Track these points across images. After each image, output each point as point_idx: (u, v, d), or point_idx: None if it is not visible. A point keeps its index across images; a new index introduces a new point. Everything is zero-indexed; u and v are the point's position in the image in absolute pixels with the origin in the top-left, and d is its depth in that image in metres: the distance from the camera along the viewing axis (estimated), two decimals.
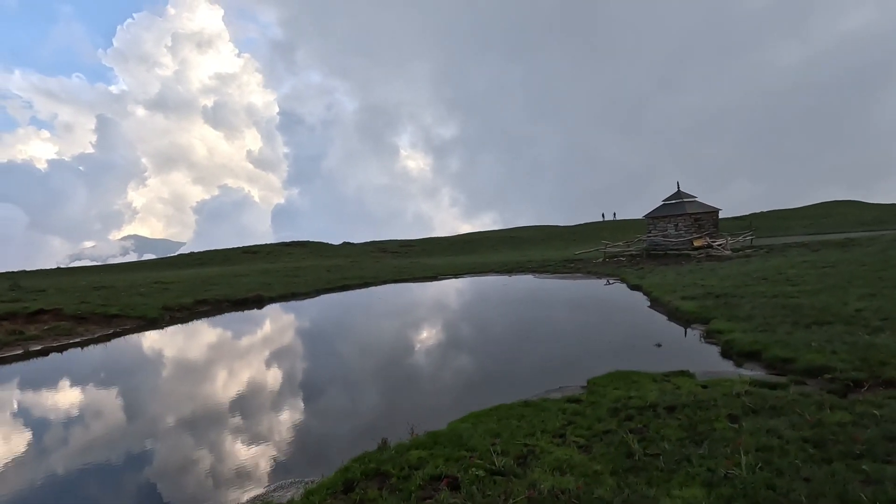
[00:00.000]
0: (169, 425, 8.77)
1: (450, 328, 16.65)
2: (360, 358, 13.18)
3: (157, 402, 10.26)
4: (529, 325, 16.03)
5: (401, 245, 78.25)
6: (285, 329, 19.62)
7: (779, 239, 43.01)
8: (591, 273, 31.68)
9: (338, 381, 11.01)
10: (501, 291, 26.99)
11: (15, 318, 21.68)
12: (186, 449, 7.68)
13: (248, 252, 67.86)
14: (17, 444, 8.21)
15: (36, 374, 13.69)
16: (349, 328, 18.52)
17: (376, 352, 13.84)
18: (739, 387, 7.39)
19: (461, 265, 45.62)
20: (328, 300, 29.57)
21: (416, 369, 11.51)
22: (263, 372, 12.21)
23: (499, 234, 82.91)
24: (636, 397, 7.38)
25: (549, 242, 70.88)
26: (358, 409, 9.06)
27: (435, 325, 17.36)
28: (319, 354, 14.05)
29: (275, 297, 31.18)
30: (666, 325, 14.03)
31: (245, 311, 27.51)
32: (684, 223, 35.22)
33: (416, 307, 23.82)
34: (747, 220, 63.11)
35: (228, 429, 8.44)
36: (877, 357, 8.23)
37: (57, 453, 7.83)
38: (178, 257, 65.11)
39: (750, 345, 10.10)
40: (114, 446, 7.95)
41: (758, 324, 11.85)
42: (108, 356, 15.80)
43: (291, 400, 9.86)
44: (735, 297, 15.84)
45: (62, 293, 29.11)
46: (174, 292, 30.65)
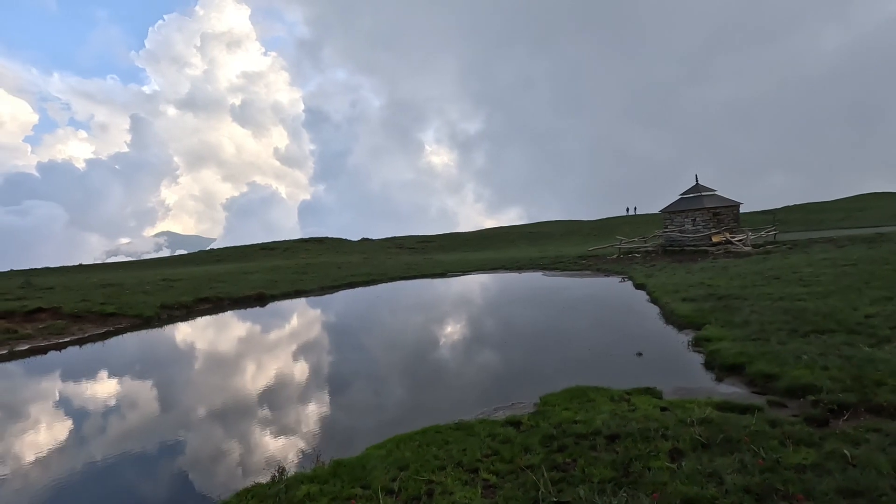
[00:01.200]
0: (88, 434, 8.27)
1: (423, 331, 15.88)
2: (313, 366, 12.45)
3: (100, 408, 9.80)
4: (511, 328, 15.16)
5: (418, 241, 77.73)
6: (254, 332, 19.13)
7: (807, 233, 40.74)
8: (600, 270, 30.44)
9: (278, 392, 10.33)
10: (499, 290, 26.06)
11: (13, 316, 21.85)
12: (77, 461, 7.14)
13: (266, 248, 68.35)
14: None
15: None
16: (315, 331, 17.86)
17: (332, 360, 13.06)
18: (699, 411, 6.42)
19: (473, 261, 44.76)
20: (321, 300, 29.12)
21: (368, 380, 10.68)
22: (196, 383, 11.63)
23: (518, 230, 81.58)
24: (582, 422, 6.49)
25: (568, 238, 69.29)
26: (285, 426, 8.36)
27: (409, 328, 16.61)
28: (266, 365, 13.33)
29: (277, 294, 30.92)
30: (656, 331, 12.95)
31: (245, 309, 27.26)
32: (702, 218, 33.53)
33: (403, 307, 23.12)
34: (772, 215, 60.26)
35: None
36: (872, 375, 7.12)
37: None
38: (198, 254, 66.05)
39: (735, 357, 9.04)
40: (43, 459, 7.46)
41: (752, 331, 10.73)
42: (83, 357, 15.54)
43: (219, 415, 9.22)
44: (738, 298, 14.62)
45: (68, 290, 29.45)
46: (178, 290, 30.64)
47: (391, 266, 44.76)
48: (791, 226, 56.70)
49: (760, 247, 31.33)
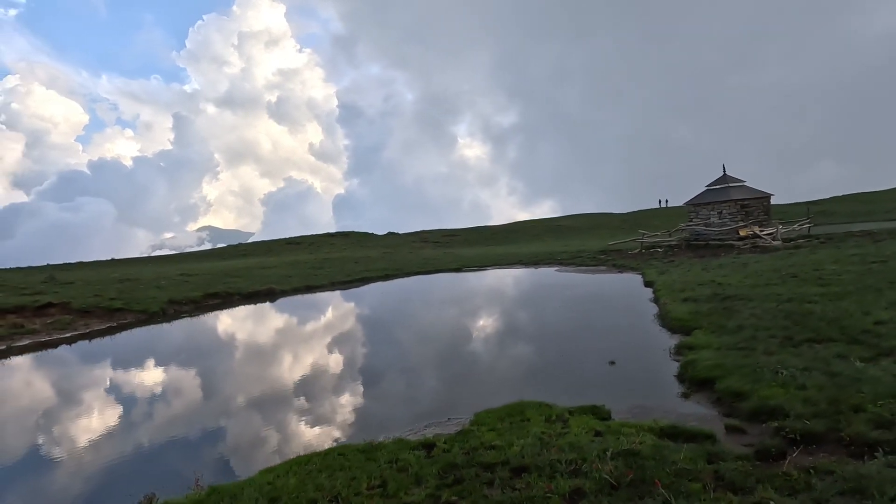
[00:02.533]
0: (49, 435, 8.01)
1: (391, 333, 15.18)
2: (262, 368, 11.92)
3: (71, 408, 9.61)
4: (489, 332, 14.32)
5: (443, 235, 77.19)
6: (227, 332, 18.91)
7: (848, 226, 37.98)
8: (616, 266, 29.07)
9: (209, 398, 9.89)
10: (499, 288, 25.16)
11: (24, 311, 22.41)
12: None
13: (292, 243, 69.18)
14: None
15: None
16: (287, 332, 17.40)
17: (287, 363, 12.48)
18: (632, 440, 5.54)
19: (492, 256, 43.88)
20: (323, 297, 28.90)
21: (313, 388, 10.06)
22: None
23: (545, 224, 79.93)
24: (499, 447, 5.73)
25: (595, 231, 67.33)
26: (210, 435, 7.88)
27: (380, 330, 15.88)
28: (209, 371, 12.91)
29: (288, 290, 30.89)
30: (644, 335, 11.91)
31: (255, 304, 27.32)
32: (728, 210, 31.58)
33: (389, 306, 22.59)
34: (806, 206, 56.66)
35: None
36: (852, 399, 6.06)
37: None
38: (226, 249, 67.44)
39: (709, 369, 8.03)
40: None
41: (742, 338, 9.63)
42: (61, 356, 15.63)
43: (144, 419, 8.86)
44: (743, 299, 13.38)
45: (87, 285, 30.20)
46: (192, 285, 30.97)
47: (409, 261, 44.36)
48: (836, 217, 53.24)
49: (791, 241, 29.27)
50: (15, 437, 8.36)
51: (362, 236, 76.84)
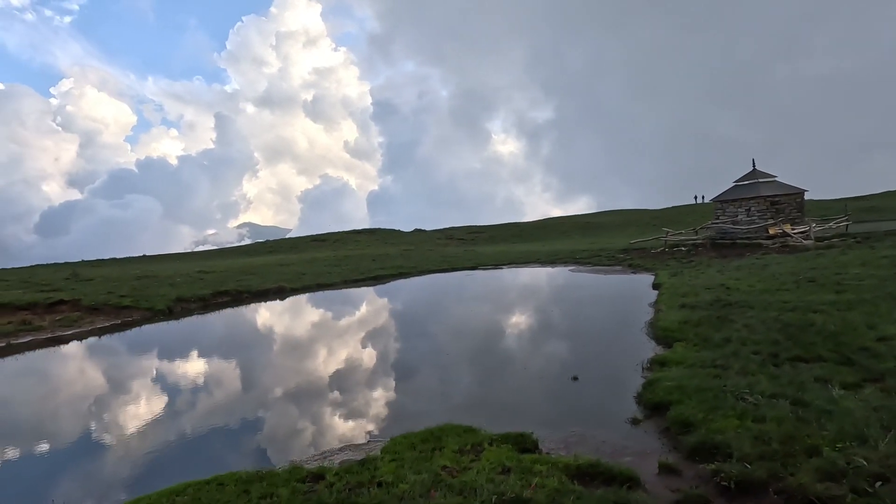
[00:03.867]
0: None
1: (362, 341, 14.42)
2: (229, 377, 11.48)
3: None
4: (462, 339, 13.44)
5: (469, 232, 76.44)
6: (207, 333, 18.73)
7: (892, 223, 35.15)
8: (632, 266, 27.73)
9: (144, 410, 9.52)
10: (500, 289, 24.27)
11: (35, 308, 22.99)
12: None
13: (317, 240, 69.83)
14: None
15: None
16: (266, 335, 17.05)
17: (255, 371, 11.97)
18: (526, 483, 4.77)
19: (512, 254, 42.93)
20: (327, 295, 28.70)
21: (248, 398, 9.46)
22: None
23: (574, 220, 78.06)
24: (389, 484, 5.06)
25: (624, 228, 65.17)
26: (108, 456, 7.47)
27: (353, 337, 15.10)
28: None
29: (298, 288, 30.82)
30: (625, 347, 10.93)
31: (261, 302, 27.33)
32: (758, 207, 29.64)
33: (375, 308, 22.01)
34: (843, 203, 52.95)
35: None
36: (812, 438, 5.11)
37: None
38: (252, 245, 68.68)
39: (667, 392, 7.10)
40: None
41: (723, 354, 8.62)
42: (53, 355, 15.75)
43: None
44: (744, 307, 12.22)
45: (106, 282, 30.96)
46: (205, 282, 31.29)
47: (426, 259, 43.88)
48: (885, 214, 49.64)
49: (825, 240, 27.19)
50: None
51: (388, 233, 76.90)
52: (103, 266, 50.69)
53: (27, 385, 11.79)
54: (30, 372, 13.32)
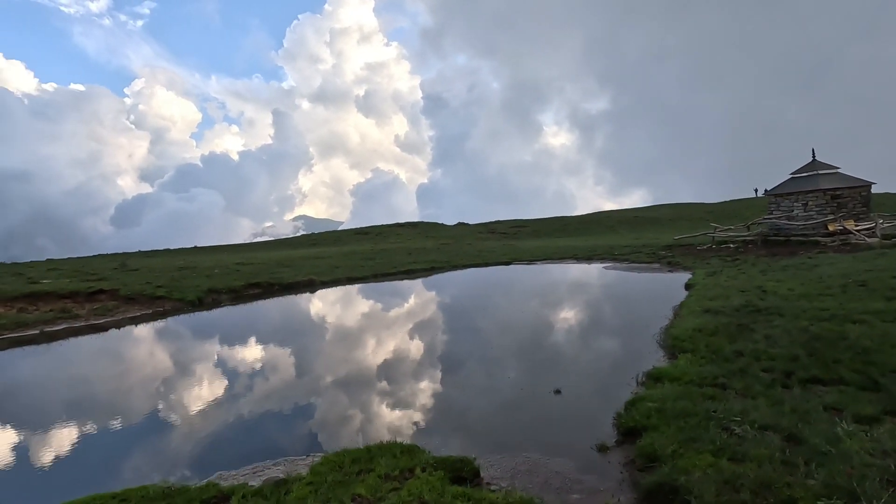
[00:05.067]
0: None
1: (344, 344, 13.74)
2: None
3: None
4: (456, 342, 12.66)
5: (511, 226, 75.15)
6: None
7: None
8: (672, 264, 26.02)
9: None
10: (519, 287, 23.22)
11: (77, 296, 24.10)
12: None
13: (360, 233, 70.63)
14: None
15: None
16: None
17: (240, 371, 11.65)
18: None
19: (550, 249, 41.61)
20: (349, 290, 28.58)
21: (208, 406, 9.04)
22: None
23: (622, 214, 75.11)
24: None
25: (675, 223, 62.01)
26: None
27: (337, 337, 14.39)
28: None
29: (328, 281, 30.95)
30: (626, 357, 9.92)
31: (289, 295, 27.57)
32: (816, 202, 27.07)
33: (400, 298, 21.45)
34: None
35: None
36: (791, 489, 4.16)
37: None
38: (298, 238, 70.23)
39: (645, 415, 6.18)
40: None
41: (729, 370, 7.55)
42: (84, 347, 16.24)
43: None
44: (773, 314, 10.90)
45: (150, 272, 32.25)
46: (240, 274, 32.00)
47: (462, 253, 43.26)
48: None
49: (894, 238, 24.48)
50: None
51: (430, 226, 76.74)
52: (157, 256, 53.21)
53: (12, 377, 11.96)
54: (28, 363, 13.69)
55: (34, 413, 8.89)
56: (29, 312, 21.81)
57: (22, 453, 7.00)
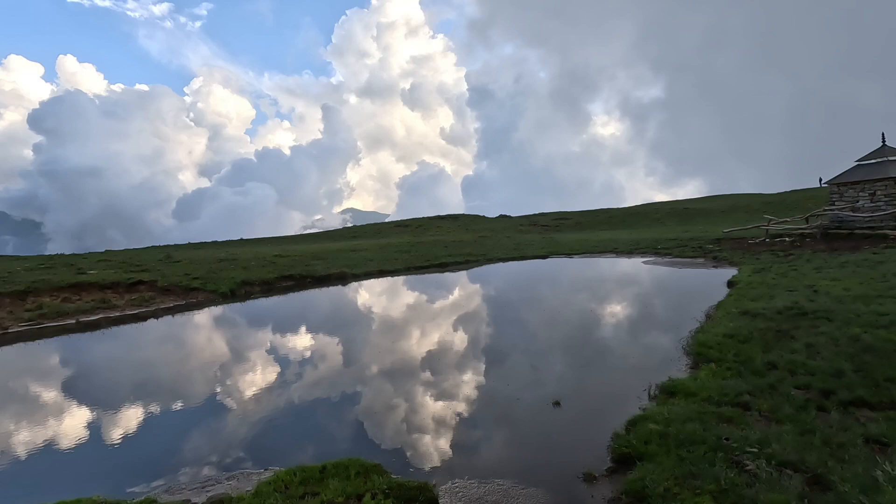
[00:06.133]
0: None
1: (340, 345, 13.22)
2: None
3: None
4: (462, 342, 11.75)
5: (554, 218, 73.34)
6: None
7: None
8: (718, 259, 24.26)
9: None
10: (551, 280, 22.09)
11: (118, 287, 24.91)
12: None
13: (401, 226, 70.69)
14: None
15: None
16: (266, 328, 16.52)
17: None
18: None
19: (590, 242, 40.06)
20: (378, 283, 28.26)
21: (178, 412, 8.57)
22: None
23: (670, 206, 71.79)
24: None
25: (729, 215, 58.54)
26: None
27: (337, 336, 13.78)
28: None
29: (359, 274, 30.86)
30: (648, 364, 8.89)
31: (323, 287, 27.56)
32: (885, 191, 24.50)
33: (404, 297, 20.80)
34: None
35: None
36: None
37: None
38: (339, 231, 71.07)
39: (644, 439, 5.30)
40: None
41: (757, 385, 6.51)
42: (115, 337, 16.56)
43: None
44: (821, 318, 9.60)
45: (191, 264, 33.10)
46: (276, 266, 32.39)
47: (498, 246, 42.35)
48: None
49: None
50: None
51: (471, 219, 75.98)
52: (204, 248, 55.00)
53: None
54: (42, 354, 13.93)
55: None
56: (72, 302, 22.66)
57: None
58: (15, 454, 6.60)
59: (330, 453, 5.92)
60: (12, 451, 6.70)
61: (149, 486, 5.46)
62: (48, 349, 14.09)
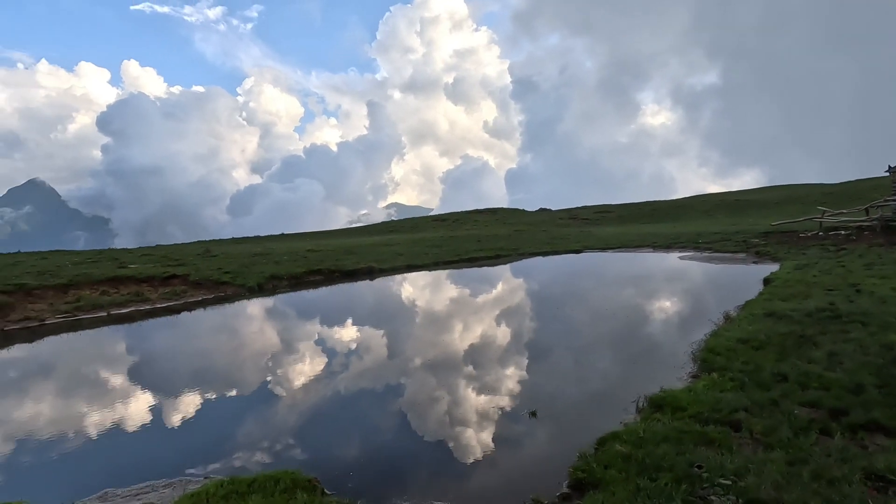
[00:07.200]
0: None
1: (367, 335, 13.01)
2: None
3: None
4: (448, 343, 11.05)
5: (596, 211, 71.23)
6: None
7: None
8: (760, 254, 22.58)
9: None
10: (578, 277, 21.07)
11: (153, 281, 25.74)
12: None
13: (438, 220, 70.49)
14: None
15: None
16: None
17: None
18: None
19: (627, 236, 38.53)
20: (400, 278, 27.98)
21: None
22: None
23: (720, 198, 68.28)
24: None
25: (783, 207, 55.00)
26: None
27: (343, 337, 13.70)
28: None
29: (387, 269, 30.72)
30: (649, 371, 8.10)
31: (349, 282, 27.65)
32: None
33: (427, 293, 20.24)
34: None
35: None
36: None
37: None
38: (377, 225, 71.49)
39: (605, 463, 4.65)
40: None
41: (759, 399, 5.71)
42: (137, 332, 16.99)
43: None
44: (854, 322, 8.53)
45: (226, 258, 33.90)
46: (307, 261, 32.62)
47: (532, 240, 41.36)
48: None
49: None
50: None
51: (509, 213, 74.85)
52: (244, 243, 56.56)
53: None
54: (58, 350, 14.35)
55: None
56: (109, 295, 23.55)
57: None
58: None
59: (287, 461, 5.59)
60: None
61: (92, 491, 5.28)
62: (57, 343, 14.48)
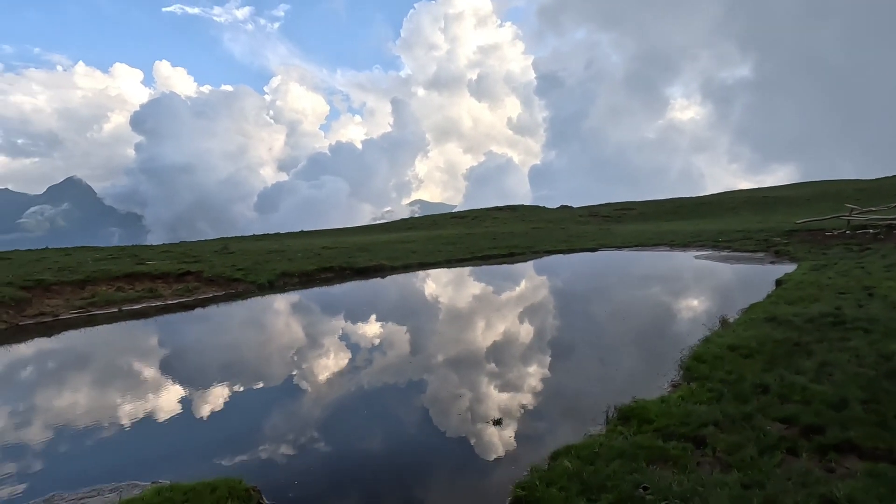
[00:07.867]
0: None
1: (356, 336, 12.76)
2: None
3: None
4: (436, 347, 10.70)
5: (617, 209, 69.98)
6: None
7: None
8: (779, 253, 21.70)
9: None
10: (583, 277, 20.55)
11: (167, 277, 26.15)
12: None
13: (456, 217, 70.26)
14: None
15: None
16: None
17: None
18: None
19: (645, 234, 37.67)
20: (408, 277, 27.86)
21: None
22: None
23: (747, 195, 66.22)
24: None
25: (816, 204, 52.98)
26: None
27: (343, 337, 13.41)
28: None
29: (398, 267, 30.64)
30: (633, 378, 7.75)
31: (360, 280, 27.67)
32: None
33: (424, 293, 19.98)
34: None
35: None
36: None
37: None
38: (395, 223, 71.59)
39: (549, 481, 4.36)
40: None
41: (733, 413, 5.33)
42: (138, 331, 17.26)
43: None
44: (858, 329, 8.00)
45: (242, 255, 34.29)
46: (320, 258, 32.80)
47: (549, 238, 40.80)
48: None
49: None
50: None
51: (529, 210, 74.14)
52: (264, 240, 57.27)
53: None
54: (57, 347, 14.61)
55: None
56: (124, 291, 24.00)
57: None
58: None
59: (241, 468, 5.47)
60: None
61: (39, 494, 5.26)
62: (59, 339, 14.71)
